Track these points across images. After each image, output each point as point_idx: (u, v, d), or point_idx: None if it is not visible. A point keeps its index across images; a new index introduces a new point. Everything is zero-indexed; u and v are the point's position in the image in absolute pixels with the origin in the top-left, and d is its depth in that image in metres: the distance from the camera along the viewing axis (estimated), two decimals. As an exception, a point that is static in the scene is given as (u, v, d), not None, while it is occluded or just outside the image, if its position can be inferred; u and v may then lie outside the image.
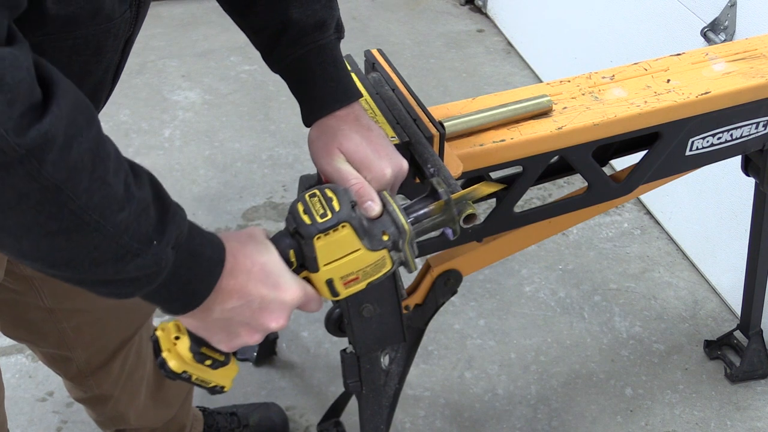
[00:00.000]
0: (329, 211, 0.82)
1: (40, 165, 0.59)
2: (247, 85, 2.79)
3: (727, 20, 1.88)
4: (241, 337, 0.81)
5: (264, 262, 0.80)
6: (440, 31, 3.17)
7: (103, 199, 0.64)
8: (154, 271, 0.70)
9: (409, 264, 0.90)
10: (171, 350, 0.84)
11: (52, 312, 1.24)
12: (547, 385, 1.88)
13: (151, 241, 0.69)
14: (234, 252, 0.78)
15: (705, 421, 1.81)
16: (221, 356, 0.86)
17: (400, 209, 0.88)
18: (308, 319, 2.00)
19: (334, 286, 0.86)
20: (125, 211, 0.66)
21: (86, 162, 0.62)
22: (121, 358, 1.37)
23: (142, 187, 0.69)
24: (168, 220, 0.70)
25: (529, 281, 2.14)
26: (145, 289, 0.71)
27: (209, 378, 0.87)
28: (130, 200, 0.67)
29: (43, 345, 1.32)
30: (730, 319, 2.04)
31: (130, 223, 0.66)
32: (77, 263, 0.66)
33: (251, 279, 0.78)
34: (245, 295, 0.78)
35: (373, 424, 1.33)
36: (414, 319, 1.34)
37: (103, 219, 0.64)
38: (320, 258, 0.83)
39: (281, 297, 0.80)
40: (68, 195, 0.62)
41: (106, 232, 0.65)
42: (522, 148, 1.18)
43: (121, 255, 0.67)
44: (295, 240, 0.83)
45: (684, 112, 1.28)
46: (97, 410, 1.45)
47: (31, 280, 1.18)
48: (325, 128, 0.95)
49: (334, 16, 0.96)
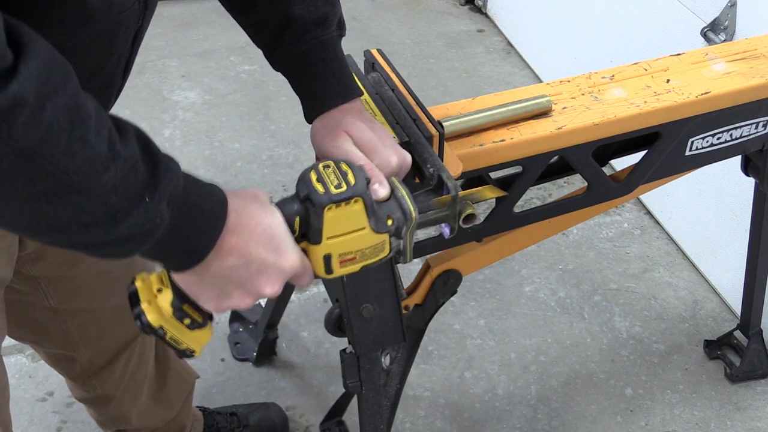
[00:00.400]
0: (344, 183, 0.80)
1: (10, 128, 0.57)
2: (247, 85, 2.79)
3: (727, 20, 1.88)
4: (233, 298, 0.79)
5: (268, 224, 0.77)
6: (440, 31, 3.17)
7: (85, 160, 0.62)
8: (149, 228, 0.67)
9: (405, 254, 0.89)
10: (151, 302, 0.81)
11: (57, 312, 1.24)
12: (547, 385, 1.88)
13: (143, 198, 0.66)
14: (237, 209, 0.75)
15: (705, 421, 1.81)
16: (200, 317, 0.83)
17: (409, 195, 0.87)
18: (308, 320, 2.00)
19: (330, 262, 0.84)
20: (111, 170, 0.63)
21: (63, 123, 0.60)
22: (125, 359, 1.37)
23: (129, 144, 0.66)
24: (159, 175, 0.68)
25: (529, 281, 2.13)
26: (142, 247, 0.69)
27: (183, 339, 0.83)
28: (115, 159, 0.64)
29: (47, 345, 1.32)
30: (730, 319, 2.04)
31: (117, 182, 0.64)
32: (64, 228, 0.64)
33: (253, 239, 0.76)
34: (245, 255, 0.76)
35: (373, 424, 1.33)
36: (414, 319, 1.34)
37: (87, 180, 0.62)
38: (326, 230, 0.81)
39: (281, 262, 0.78)
40: (45, 157, 0.59)
41: (92, 194, 0.63)
42: (522, 148, 1.18)
43: (111, 216, 0.64)
44: (303, 207, 0.81)
45: (684, 112, 1.28)
46: (100, 410, 1.45)
47: (38, 280, 1.18)
48: (330, 118, 0.95)
49: (336, 13, 0.97)
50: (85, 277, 1.21)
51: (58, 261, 1.16)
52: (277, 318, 1.84)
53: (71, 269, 1.19)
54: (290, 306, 1.89)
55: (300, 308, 2.03)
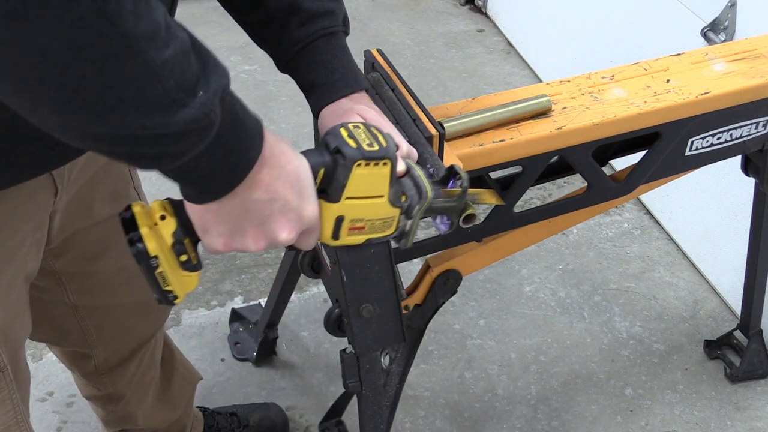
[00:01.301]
0: (376, 144, 0.79)
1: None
2: (247, 85, 2.79)
3: (727, 20, 1.88)
4: (247, 237, 0.76)
5: (297, 165, 0.75)
6: (440, 31, 3.17)
7: (149, 26, 0.59)
8: (205, 125, 0.65)
9: (408, 236, 0.88)
10: (152, 228, 0.77)
11: (76, 309, 1.24)
12: (547, 385, 1.88)
13: (197, 91, 0.64)
14: (270, 143, 0.73)
15: (705, 421, 1.81)
16: (195, 259, 0.79)
17: (425, 175, 0.86)
18: (308, 319, 2.00)
19: (340, 226, 0.82)
20: (170, 48, 0.61)
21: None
22: (138, 359, 1.38)
23: (180, 30, 0.64)
24: (210, 71, 0.66)
25: (529, 281, 2.13)
26: (194, 148, 0.66)
27: (172, 278, 0.79)
28: (173, 38, 0.62)
29: (64, 343, 1.33)
30: (730, 319, 2.04)
31: (174, 64, 0.61)
32: (124, 109, 0.61)
33: (281, 177, 0.74)
34: (272, 191, 0.73)
35: (373, 424, 1.33)
36: (414, 319, 1.34)
37: (150, 51, 0.59)
38: (349, 188, 0.79)
39: (302, 208, 0.76)
40: (114, 10, 0.57)
41: (154, 69, 0.60)
42: (522, 148, 1.18)
43: (167, 103, 0.62)
44: (332, 159, 0.78)
45: (684, 112, 1.28)
46: (108, 409, 1.45)
47: (59, 276, 1.18)
48: (341, 105, 0.95)
49: (341, 8, 0.98)
50: (104, 273, 1.21)
51: (79, 256, 1.17)
52: (277, 318, 1.84)
53: (92, 264, 1.19)
54: (290, 306, 1.89)
55: (300, 308, 2.03)
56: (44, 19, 0.55)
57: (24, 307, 1.07)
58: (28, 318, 1.10)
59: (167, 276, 0.79)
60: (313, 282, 2.08)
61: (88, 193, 1.09)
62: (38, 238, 1.03)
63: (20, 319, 1.06)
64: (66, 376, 1.79)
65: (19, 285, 1.03)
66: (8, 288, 1.00)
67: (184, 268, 0.79)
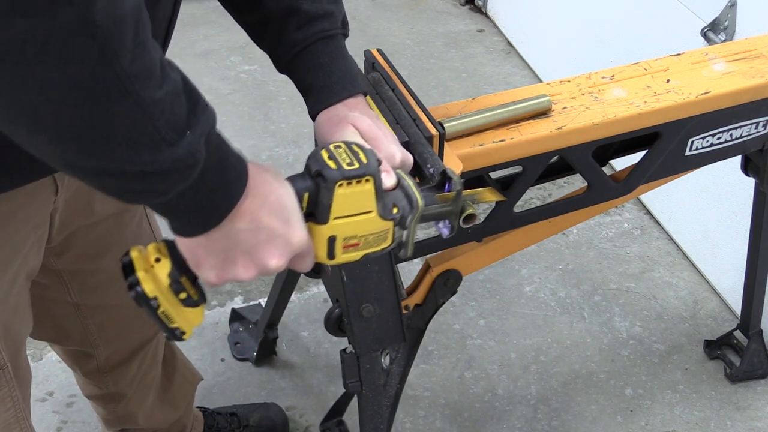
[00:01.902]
0: (356, 162, 0.79)
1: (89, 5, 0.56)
2: (247, 85, 2.79)
3: (727, 20, 1.88)
4: (237, 267, 0.77)
5: (281, 194, 0.77)
6: (440, 31, 3.17)
7: (144, 68, 0.62)
8: (190, 164, 0.67)
9: (407, 246, 0.88)
10: (148, 271, 0.79)
11: (78, 307, 1.24)
12: (547, 385, 1.88)
13: (185, 131, 0.66)
14: (254, 174, 0.75)
15: (705, 421, 1.81)
16: (196, 294, 0.81)
17: (415, 185, 0.86)
18: (308, 320, 2.00)
19: (334, 245, 0.83)
20: (162, 89, 0.63)
21: (130, 21, 0.60)
22: (140, 358, 1.38)
23: (174, 71, 0.66)
24: (199, 112, 0.68)
25: (529, 281, 2.14)
26: (178, 185, 0.68)
27: (175, 316, 0.81)
28: (166, 79, 0.64)
29: (66, 342, 1.33)
30: (730, 319, 2.04)
31: (166, 105, 0.64)
32: (114, 144, 0.63)
33: (266, 206, 0.75)
34: (257, 221, 0.75)
35: (373, 424, 1.33)
36: (414, 319, 1.34)
37: (143, 91, 0.62)
38: (334, 208, 0.80)
39: (289, 235, 0.77)
40: (113, 51, 0.59)
41: (145, 108, 0.62)
42: (522, 148, 1.18)
43: (156, 141, 0.64)
44: (314, 182, 0.80)
45: (684, 112, 1.28)
46: (108, 408, 1.45)
47: (61, 274, 1.18)
48: (336, 111, 0.95)
49: (340, 11, 0.98)
50: (107, 272, 1.21)
51: (81, 254, 1.17)
52: (277, 318, 1.84)
53: (93, 263, 1.19)
54: (290, 306, 1.89)
55: (300, 308, 2.03)
56: (42, 58, 0.57)
57: (25, 305, 1.07)
58: (30, 316, 1.10)
59: (170, 314, 0.81)
60: (313, 282, 2.08)
61: (88, 192, 1.09)
62: (39, 236, 1.03)
63: (21, 317, 1.06)
64: (66, 376, 1.79)
65: (21, 283, 1.03)
66: (9, 286, 1.00)
67: (185, 305, 0.81)
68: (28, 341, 1.26)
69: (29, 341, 1.76)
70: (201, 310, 0.83)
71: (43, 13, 0.55)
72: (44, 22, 0.56)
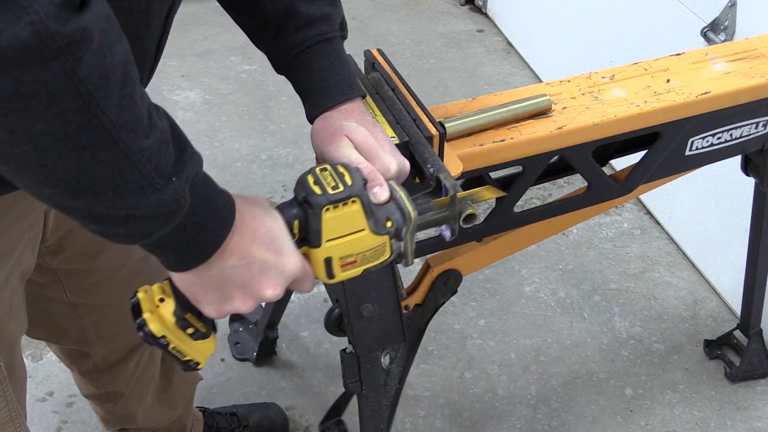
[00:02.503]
0: (341, 185, 0.81)
1: (76, 64, 0.57)
2: (247, 85, 2.79)
3: (727, 20, 1.88)
4: (234, 301, 0.79)
5: (270, 226, 0.78)
6: (440, 31, 3.17)
7: (131, 118, 0.62)
8: (174, 209, 0.68)
9: (407, 256, 0.89)
10: (154, 312, 0.82)
11: (74, 306, 1.24)
12: (547, 385, 1.88)
13: (171, 177, 0.67)
14: (241, 210, 0.76)
15: (705, 421, 1.81)
16: (203, 327, 0.83)
17: (408, 197, 0.87)
18: (308, 320, 2.00)
19: (331, 266, 0.85)
20: (150, 138, 0.64)
21: (117, 75, 0.61)
22: (137, 357, 1.38)
23: (162, 119, 0.67)
24: (186, 158, 0.69)
25: (529, 281, 2.14)
26: (161, 229, 0.69)
27: (186, 350, 0.84)
28: (153, 128, 0.65)
29: (63, 341, 1.33)
30: (730, 319, 2.04)
31: (152, 153, 0.65)
32: (100, 189, 0.64)
33: (256, 240, 0.77)
34: (247, 256, 0.76)
35: (374, 424, 1.34)
36: (414, 319, 1.34)
37: (130, 141, 0.63)
38: (325, 232, 0.82)
39: (282, 264, 0.79)
40: (99, 105, 0.60)
41: (132, 157, 0.63)
42: (522, 148, 1.18)
43: (142, 187, 0.65)
44: (302, 210, 0.81)
45: (684, 112, 1.28)
46: (107, 407, 1.45)
47: (56, 273, 1.18)
48: (331, 120, 0.95)
49: (338, 14, 0.97)
50: (103, 271, 1.22)
51: (77, 254, 1.17)
52: (277, 318, 1.84)
53: (90, 262, 1.19)
54: (290, 306, 1.89)
55: (300, 308, 2.03)
56: (27, 111, 0.58)
57: (19, 305, 1.07)
58: (24, 316, 1.10)
59: (181, 349, 0.84)
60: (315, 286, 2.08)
61: None
62: (33, 235, 1.03)
63: (15, 316, 1.06)
64: (66, 376, 1.79)
65: (14, 282, 1.03)
66: (3, 285, 1.00)
67: (194, 339, 0.83)
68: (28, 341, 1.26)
69: (29, 341, 1.77)
70: (212, 340, 0.86)
71: (28, 69, 0.56)
72: (29, 77, 0.57)
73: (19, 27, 0.55)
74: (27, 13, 0.55)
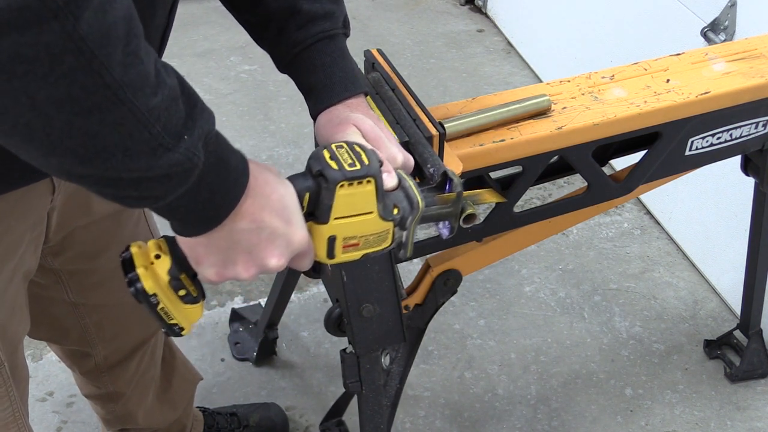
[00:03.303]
0: (358, 163, 0.80)
1: (76, 21, 0.55)
2: (247, 85, 2.79)
3: (727, 20, 1.88)
4: (237, 266, 0.77)
5: (282, 194, 0.77)
6: (440, 31, 3.17)
7: (137, 76, 0.60)
8: (187, 168, 0.66)
9: (407, 246, 0.89)
10: (148, 268, 0.79)
11: (76, 307, 1.24)
12: (547, 385, 1.88)
13: (182, 136, 0.65)
14: (255, 173, 0.74)
15: (705, 421, 1.81)
16: (195, 291, 0.82)
17: (416, 186, 0.87)
18: (308, 320, 2.00)
19: (334, 245, 0.83)
20: (158, 96, 0.62)
21: (120, 32, 0.59)
22: (138, 357, 1.38)
23: (170, 76, 0.65)
24: (196, 115, 0.67)
25: (529, 281, 2.14)
26: (176, 190, 0.67)
27: (174, 312, 0.82)
28: (161, 86, 0.63)
29: (64, 342, 1.33)
30: (730, 319, 2.04)
31: (161, 111, 0.63)
32: (110, 154, 0.62)
33: (267, 206, 0.75)
34: (258, 221, 0.74)
35: (374, 424, 1.34)
36: (414, 319, 1.34)
37: (137, 100, 0.61)
38: (335, 208, 0.80)
39: (291, 234, 0.77)
40: (102, 63, 0.58)
41: (140, 116, 0.61)
42: (522, 148, 1.18)
43: (153, 147, 0.63)
44: (316, 182, 0.80)
45: (684, 112, 1.28)
46: (108, 408, 1.45)
47: (58, 273, 1.18)
48: (337, 112, 0.94)
49: (341, 11, 0.97)
50: (104, 271, 1.21)
51: (79, 254, 1.17)
52: (277, 318, 1.84)
53: (91, 262, 1.19)
54: (290, 306, 1.89)
55: (300, 308, 2.03)
56: (30, 75, 0.56)
57: (22, 305, 1.07)
58: (27, 316, 1.10)
59: (170, 311, 0.81)
60: (313, 282, 2.08)
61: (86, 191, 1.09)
62: (36, 235, 1.03)
63: (18, 316, 1.06)
64: (66, 376, 1.79)
65: (17, 282, 1.03)
66: (6, 285, 1.00)
67: (185, 302, 0.81)
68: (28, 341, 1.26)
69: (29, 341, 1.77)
70: (200, 306, 0.84)
71: (27, 31, 0.55)
72: (30, 39, 0.55)
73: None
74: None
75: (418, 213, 0.86)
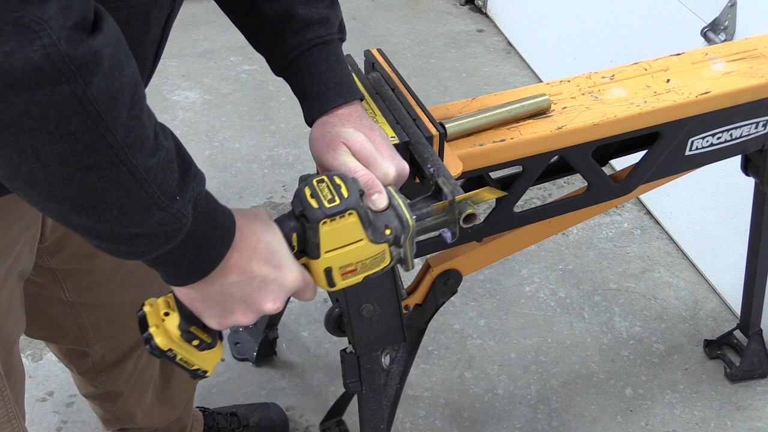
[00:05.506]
0: (337, 197, 0.82)
1: (86, 86, 0.58)
2: (247, 85, 2.79)
3: (727, 20, 1.88)
4: (236, 315, 0.80)
5: (269, 241, 0.79)
6: (440, 31, 3.17)
7: (138, 139, 0.63)
8: (176, 228, 0.69)
9: (407, 261, 0.90)
10: (159, 326, 0.83)
11: (73, 306, 1.25)
12: (547, 385, 1.88)
13: (175, 196, 0.68)
14: (241, 227, 0.77)
15: (705, 421, 1.81)
16: (209, 338, 0.85)
17: (405, 204, 0.88)
18: (308, 320, 2.00)
19: (332, 275, 0.86)
20: (155, 157, 0.65)
21: (126, 96, 0.62)
22: (136, 357, 1.38)
23: (167, 139, 0.68)
24: (189, 177, 0.70)
25: (529, 281, 2.14)
26: (163, 247, 0.70)
27: (193, 360, 0.86)
28: (159, 148, 0.66)
29: (62, 341, 1.33)
30: (730, 319, 2.04)
31: (158, 172, 0.66)
32: (106, 208, 0.65)
33: (255, 256, 0.78)
34: (247, 272, 0.77)
35: (373, 424, 1.33)
36: (414, 318, 1.34)
37: (137, 161, 0.64)
38: (323, 244, 0.83)
39: (282, 278, 0.80)
40: (107, 127, 0.61)
41: (138, 177, 0.64)
42: (522, 148, 1.18)
43: (147, 205, 0.66)
44: (299, 223, 0.83)
45: (684, 112, 1.28)
46: (106, 407, 1.45)
47: (55, 272, 1.18)
48: (329, 127, 0.95)
49: (337, 16, 0.97)
50: (101, 271, 1.22)
51: (75, 253, 1.17)
52: (277, 318, 1.84)
53: (88, 262, 1.20)
54: (290, 306, 1.90)
55: (300, 308, 2.03)
56: (37, 132, 0.59)
57: (17, 305, 1.07)
58: (22, 316, 1.10)
59: (188, 360, 0.85)
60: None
61: None
62: (31, 235, 1.03)
63: (13, 316, 1.06)
64: (66, 376, 1.79)
65: (12, 282, 1.03)
66: (1, 285, 1.00)
67: (200, 350, 0.85)
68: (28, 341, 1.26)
69: (29, 341, 1.77)
70: (218, 348, 0.87)
71: (39, 91, 0.57)
72: (40, 99, 0.57)
73: (31, 50, 0.55)
74: (39, 36, 0.55)
75: (410, 231, 0.87)
